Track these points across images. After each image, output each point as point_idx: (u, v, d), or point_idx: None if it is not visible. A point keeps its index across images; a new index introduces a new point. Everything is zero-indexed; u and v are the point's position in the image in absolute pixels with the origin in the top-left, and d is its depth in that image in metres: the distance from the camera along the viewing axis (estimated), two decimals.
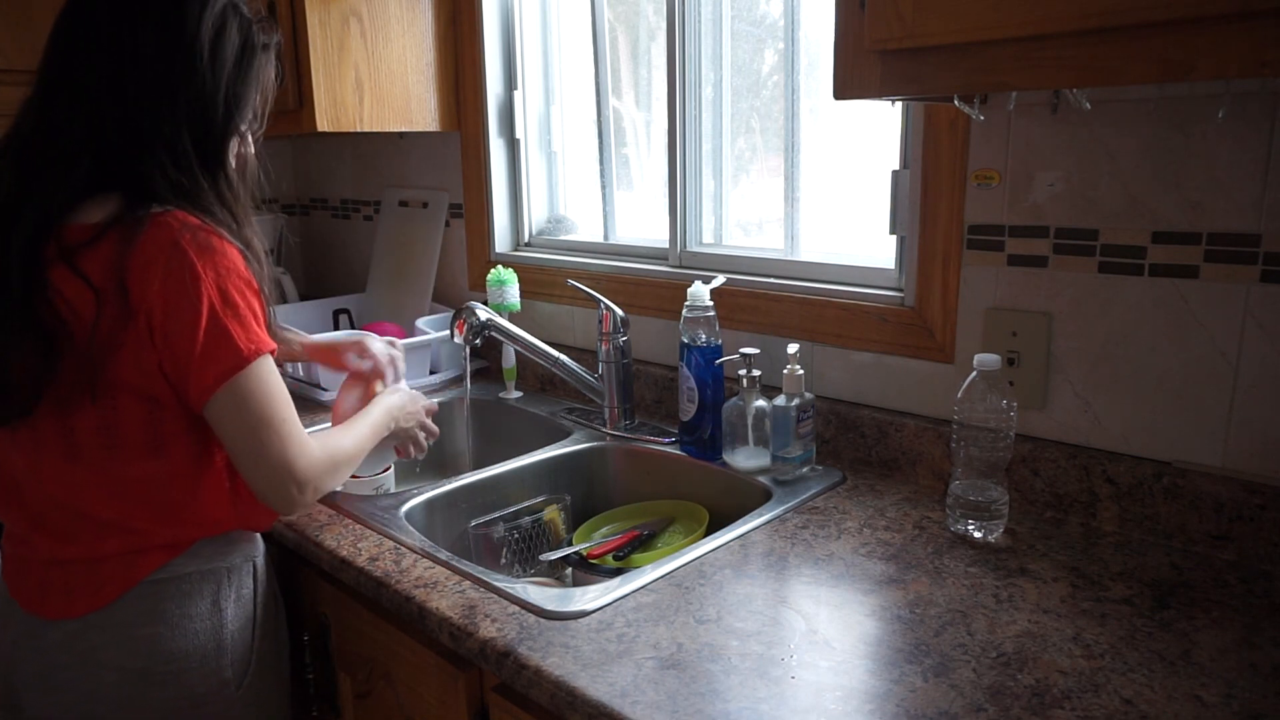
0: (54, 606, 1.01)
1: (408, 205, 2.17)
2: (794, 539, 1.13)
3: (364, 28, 1.77)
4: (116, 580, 1.00)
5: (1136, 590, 0.99)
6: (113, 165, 0.97)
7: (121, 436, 0.98)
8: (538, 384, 1.86)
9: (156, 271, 0.93)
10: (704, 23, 1.60)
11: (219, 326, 0.95)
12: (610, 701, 0.81)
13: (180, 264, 0.93)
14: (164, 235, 0.94)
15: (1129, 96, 1.07)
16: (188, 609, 1.03)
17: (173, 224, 0.95)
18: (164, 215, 0.95)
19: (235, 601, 1.07)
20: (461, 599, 1.00)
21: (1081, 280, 1.15)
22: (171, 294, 0.93)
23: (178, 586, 1.03)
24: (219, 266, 0.96)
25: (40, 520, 1.02)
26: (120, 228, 0.94)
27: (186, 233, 0.95)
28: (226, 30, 1.02)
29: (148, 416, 0.98)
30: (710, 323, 1.40)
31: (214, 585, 1.06)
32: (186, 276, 0.93)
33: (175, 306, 0.93)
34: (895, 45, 0.89)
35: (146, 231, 0.94)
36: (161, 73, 0.98)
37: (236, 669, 1.07)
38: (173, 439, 1.00)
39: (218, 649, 1.05)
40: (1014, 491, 1.21)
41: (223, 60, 1.01)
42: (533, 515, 1.35)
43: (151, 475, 1.00)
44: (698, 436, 1.41)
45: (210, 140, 1.02)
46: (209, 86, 1.01)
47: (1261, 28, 0.69)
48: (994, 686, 0.82)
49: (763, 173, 1.66)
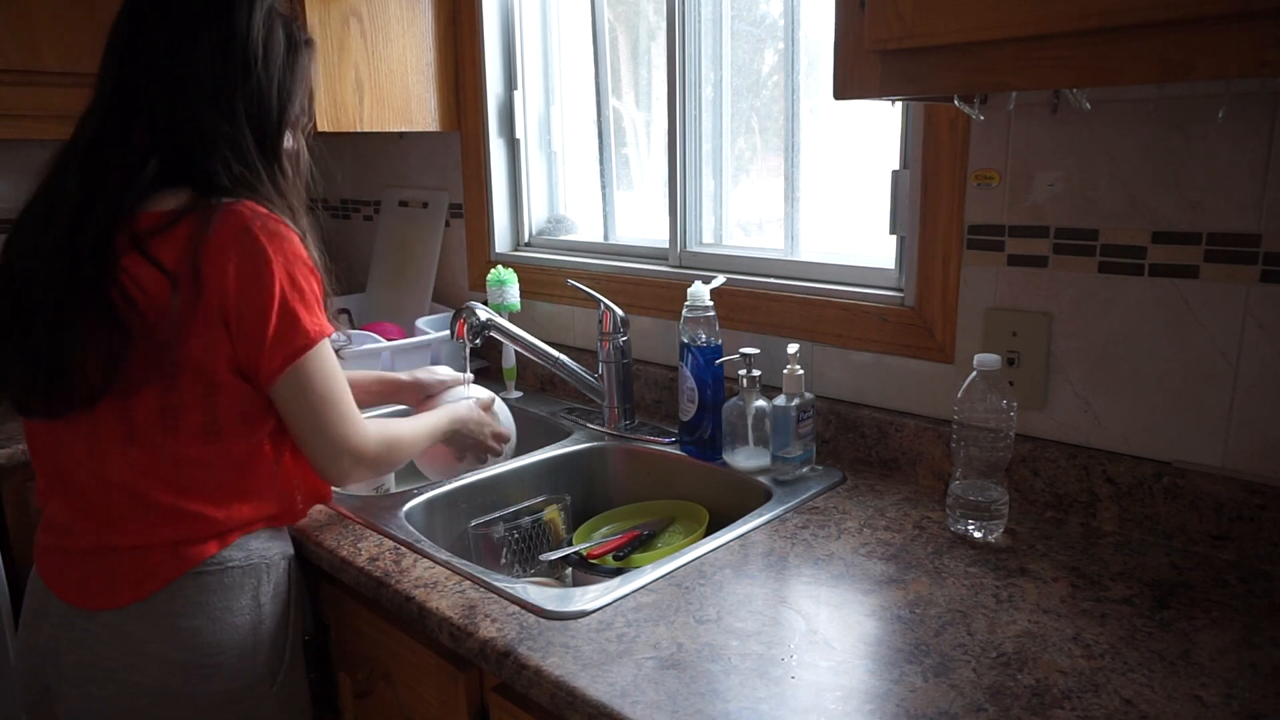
0: (97, 597, 1.02)
1: (408, 205, 2.17)
2: (794, 539, 1.13)
3: (364, 28, 1.77)
4: (162, 571, 1.01)
5: (1136, 590, 0.99)
6: (178, 164, 1.02)
7: (180, 419, 1.01)
8: (538, 384, 1.86)
9: (231, 257, 0.98)
10: (704, 23, 1.60)
11: (289, 310, 1.01)
12: (610, 701, 0.81)
13: (253, 250, 0.99)
14: (237, 222, 0.99)
15: (1129, 96, 1.07)
16: (229, 602, 1.05)
17: (244, 212, 1.00)
18: (236, 204, 1.01)
19: (273, 598, 1.09)
20: (461, 599, 1.00)
21: (1081, 280, 1.15)
22: (246, 279, 0.99)
23: (220, 579, 1.04)
24: (286, 253, 1.02)
25: (89, 507, 1.03)
26: (195, 215, 0.99)
27: (257, 220, 1.00)
28: (274, 31, 1.07)
29: (205, 399, 1.01)
30: (710, 323, 1.40)
31: (255, 580, 1.07)
32: (259, 262, 0.99)
33: (249, 291, 0.99)
34: (895, 45, 0.89)
35: (221, 218, 0.99)
36: (219, 76, 1.03)
37: (272, 664, 1.08)
38: (227, 423, 1.03)
39: (255, 644, 1.06)
40: (1014, 491, 1.21)
41: (273, 59, 1.07)
42: (533, 515, 1.35)
43: (207, 459, 1.03)
44: (698, 436, 1.41)
45: (267, 135, 1.08)
46: (263, 85, 1.06)
47: (1261, 28, 0.69)
48: (994, 686, 0.82)
49: (763, 173, 1.66)
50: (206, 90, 1.03)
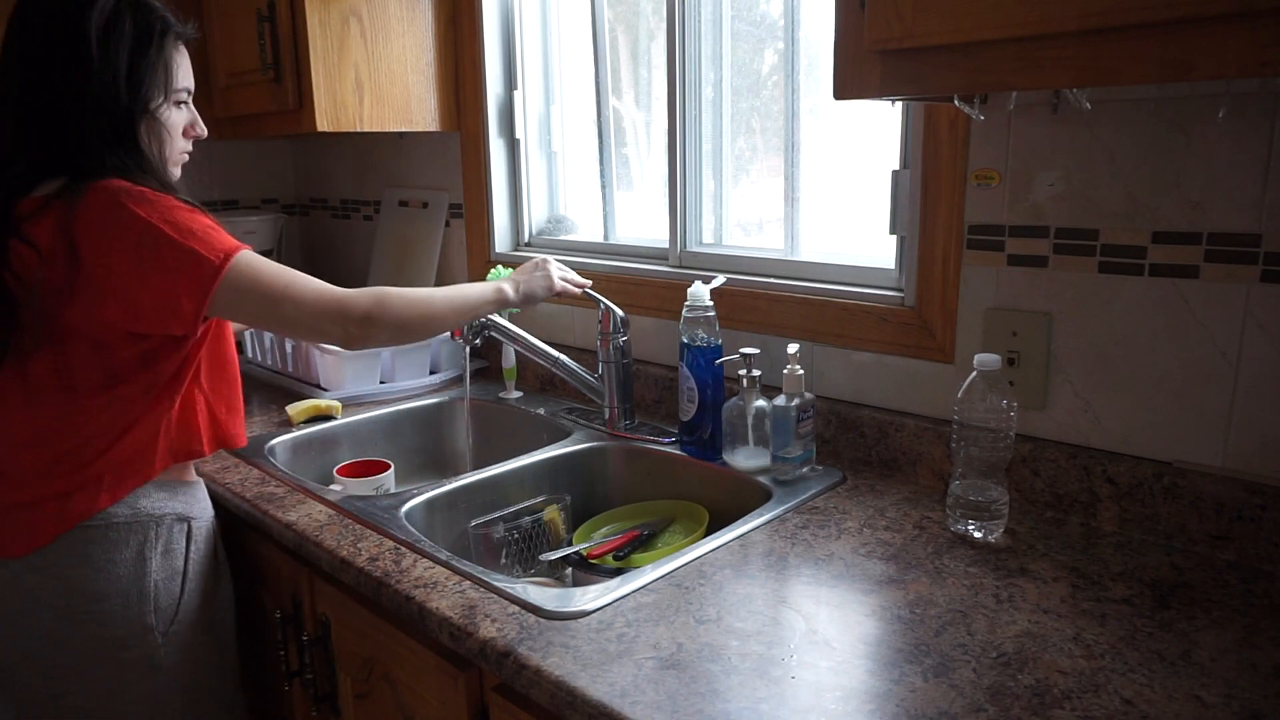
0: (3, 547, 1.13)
1: (408, 205, 2.17)
2: (794, 539, 1.13)
3: (364, 28, 1.77)
4: (52, 523, 1.12)
5: (1137, 590, 0.99)
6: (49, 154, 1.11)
7: (75, 376, 1.10)
8: (538, 384, 1.86)
9: (107, 231, 1.06)
10: (704, 23, 1.60)
11: (184, 250, 1.07)
12: (610, 701, 0.81)
13: (126, 218, 1.06)
14: (104, 198, 1.07)
15: (1129, 96, 1.07)
16: (111, 554, 1.14)
17: (109, 187, 1.08)
18: (102, 182, 1.08)
19: (163, 555, 1.18)
20: (461, 599, 1.00)
21: (1081, 280, 1.15)
22: (127, 246, 1.06)
23: (105, 533, 1.14)
24: (160, 205, 1.08)
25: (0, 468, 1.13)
26: (64, 197, 1.07)
27: (123, 192, 1.07)
28: (117, 24, 1.12)
29: (96, 358, 1.10)
30: (710, 323, 1.40)
31: (140, 536, 1.16)
32: (137, 227, 1.06)
33: (135, 254, 1.06)
34: (895, 45, 0.89)
35: (87, 196, 1.07)
36: (61, 71, 1.11)
37: (161, 617, 1.17)
38: (126, 374, 1.12)
39: (139, 595, 1.16)
40: (1014, 491, 1.21)
41: (115, 52, 1.12)
42: (533, 515, 1.35)
43: (105, 405, 1.12)
44: (698, 436, 1.41)
45: (120, 124, 1.13)
46: (105, 78, 1.11)
47: (1261, 28, 0.69)
48: (994, 686, 0.82)
49: (763, 173, 1.66)
50: (51, 85, 1.11)
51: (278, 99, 1.79)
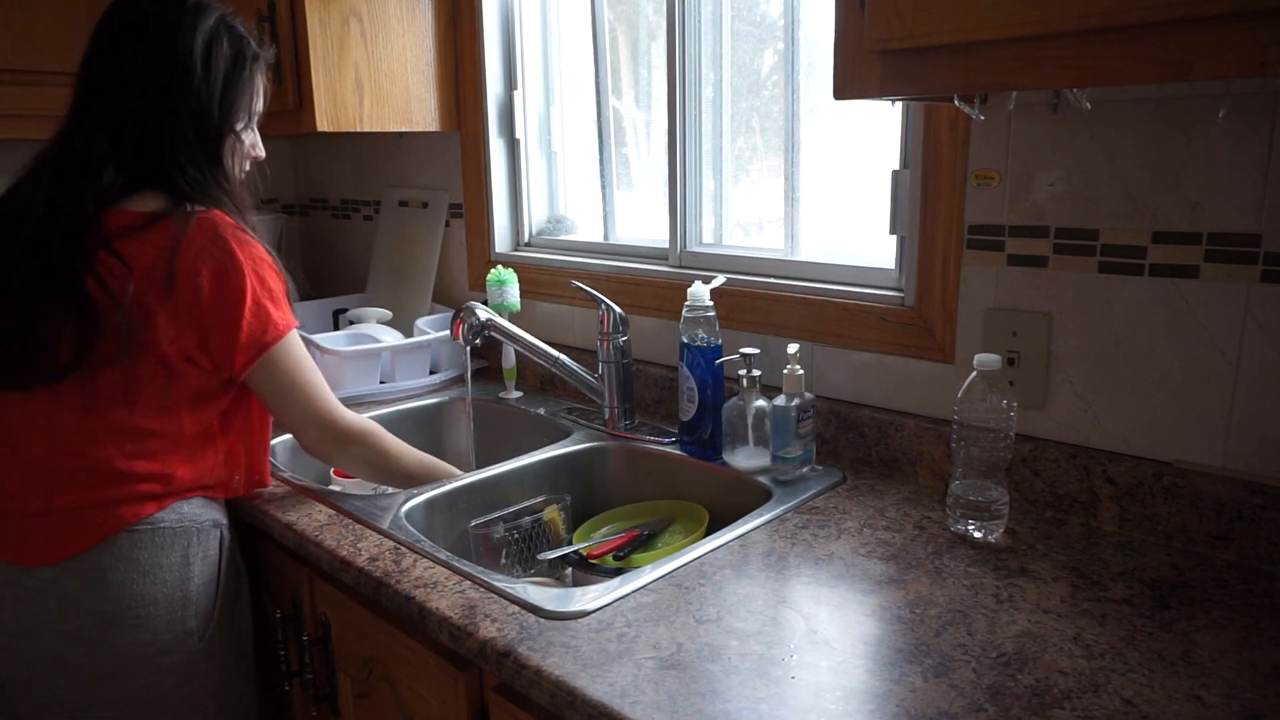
0: (33, 554, 1.10)
1: (408, 205, 2.17)
2: (794, 539, 1.13)
3: (364, 28, 1.77)
4: (98, 528, 1.11)
5: (1137, 590, 0.99)
6: (136, 169, 1.14)
7: (139, 394, 1.12)
8: (538, 384, 1.86)
9: (205, 261, 1.11)
10: (704, 23, 1.60)
11: (261, 308, 1.15)
12: (610, 701, 0.81)
13: (225, 255, 1.13)
14: (210, 229, 1.13)
15: (1129, 96, 1.07)
16: (159, 559, 1.13)
17: (215, 221, 1.14)
18: (208, 213, 1.14)
19: (202, 560, 1.18)
20: (461, 599, 1.00)
21: (1081, 280, 1.15)
22: (220, 283, 1.12)
23: (152, 537, 1.13)
24: (254, 256, 1.16)
25: (37, 473, 1.12)
26: (172, 220, 1.12)
27: (228, 228, 1.14)
28: (217, 45, 1.18)
29: (164, 382, 1.13)
30: (710, 323, 1.40)
31: (185, 541, 1.16)
32: (231, 266, 1.13)
33: (225, 293, 1.12)
34: (895, 45, 0.89)
35: (196, 225, 1.12)
36: (163, 88, 1.15)
37: (200, 621, 1.17)
38: (181, 401, 1.15)
39: (184, 600, 1.15)
40: (1014, 491, 1.21)
41: (214, 72, 1.17)
42: (533, 515, 1.35)
43: (159, 428, 1.14)
44: (698, 436, 1.41)
45: (209, 141, 1.18)
46: (204, 95, 1.17)
47: (1261, 28, 0.69)
48: (994, 686, 0.82)
49: (763, 173, 1.66)
50: (153, 101, 1.14)
51: (278, 99, 1.78)
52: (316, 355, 1.76)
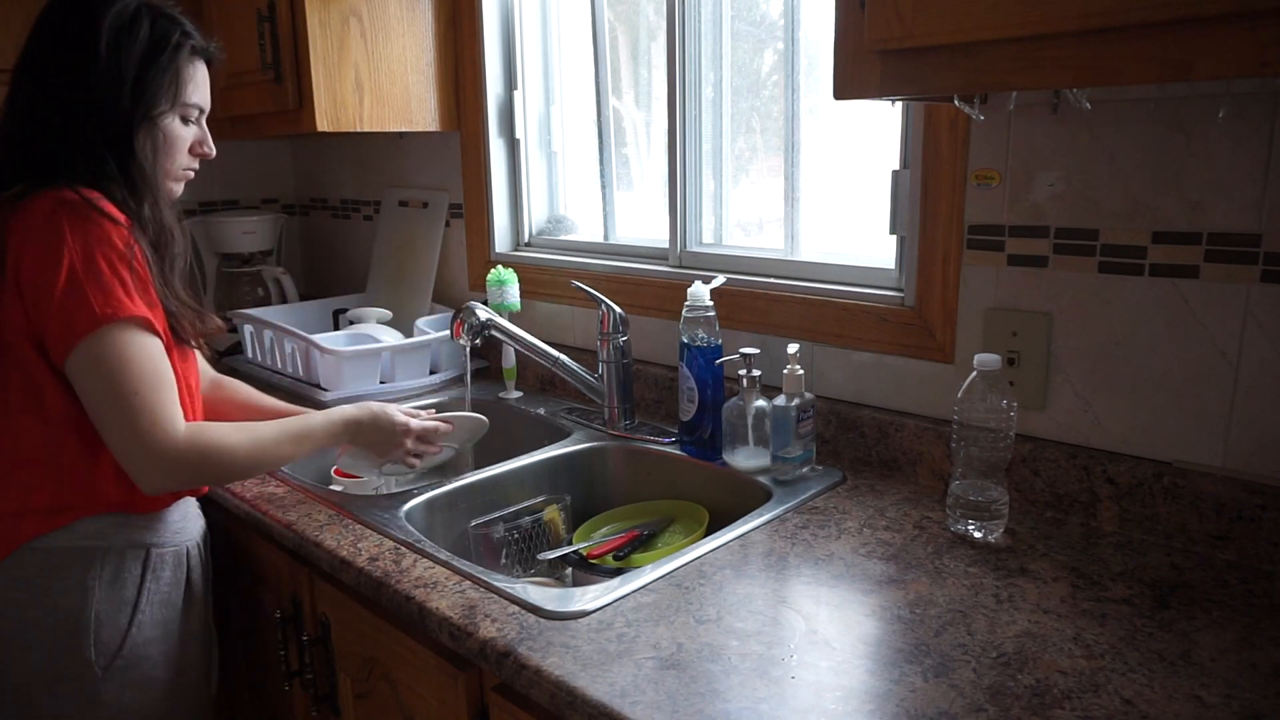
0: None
1: (408, 205, 2.17)
2: (794, 539, 1.13)
3: (364, 28, 1.77)
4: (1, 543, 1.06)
5: (1137, 590, 0.99)
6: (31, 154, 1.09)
7: (9, 393, 1.06)
8: (538, 384, 1.86)
9: (30, 237, 1.02)
10: (704, 23, 1.60)
11: (76, 288, 1.01)
12: (610, 701, 0.81)
13: (49, 228, 1.02)
14: (40, 205, 1.03)
15: (1129, 96, 1.07)
16: (51, 582, 1.08)
17: (51, 196, 1.04)
18: (48, 190, 1.04)
19: (110, 584, 1.10)
20: (461, 599, 1.00)
21: (1081, 280, 1.15)
22: (38, 254, 1.02)
23: (46, 559, 1.07)
24: (90, 234, 1.03)
25: None
26: (10, 200, 1.05)
27: (64, 205, 1.03)
28: (132, 29, 1.11)
29: (25, 377, 1.05)
30: (710, 323, 1.40)
31: (83, 564, 1.09)
32: (53, 240, 1.01)
33: (39, 265, 1.01)
34: (895, 45, 0.89)
35: (26, 203, 1.04)
36: (65, 71, 1.09)
37: (101, 650, 1.09)
38: (52, 405, 1.06)
39: (79, 627, 1.08)
40: (1014, 491, 1.21)
41: (127, 55, 1.10)
42: (533, 515, 1.35)
43: (39, 435, 1.07)
44: (698, 436, 1.41)
45: (117, 128, 1.10)
46: (110, 80, 1.09)
47: (1261, 28, 0.69)
48: (994, 686, 0.82)
49: (763, 173, 1.66)
50: (52, 83, 1.09)
51: (278, 99, 1.78)
52: (316, 355, 1.76)
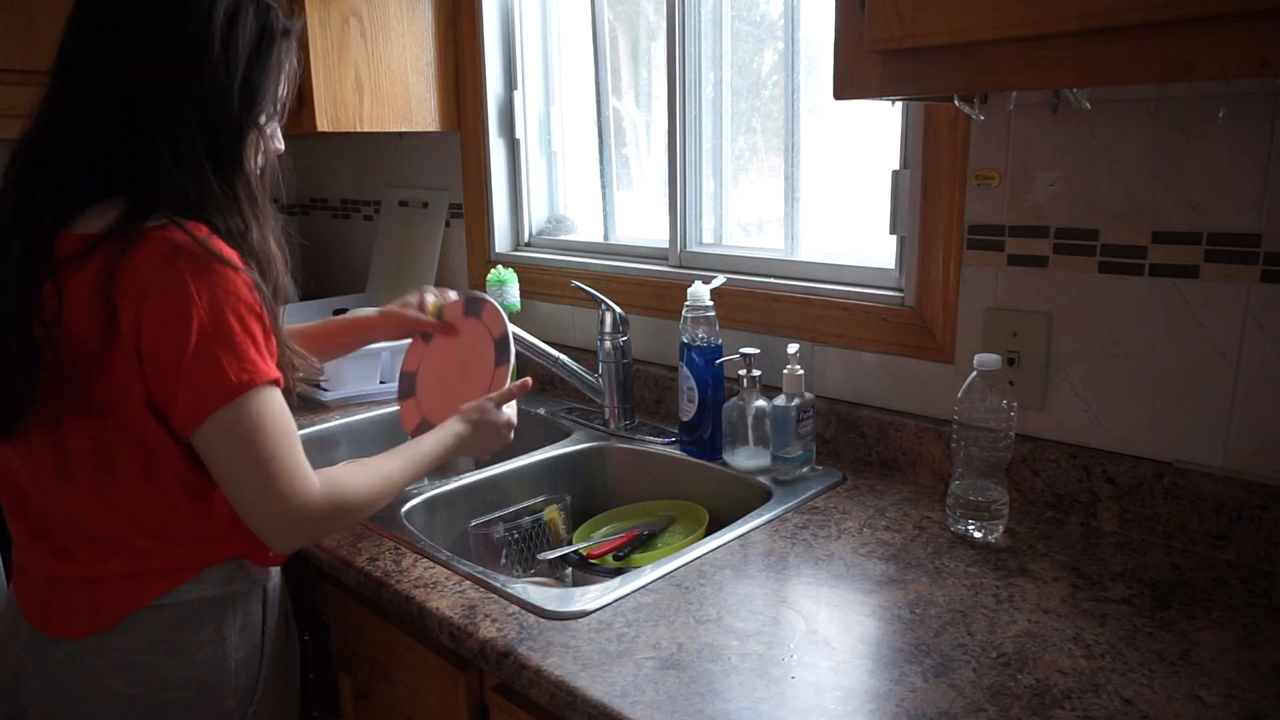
0: (57, 625, 0.96)
1: (408, 205, 2.17)
2: (794, 539, 1.13)
3: (364, 28, 1.77)
4: (115, 604, 0.95)
5: (1137, 590, 0.99)
6: (114, 170, 0.91)
7: (115, 459, 0.92)
8: (538, 384, 1.86)
9: (146, 293, 0.86)
10: (704, 23, 1.60)
11: (208, 354, 0.87)
12: (610, 701, 0.81)
13: (170, 284, 0.86)
14: (156, 252, 0.87)
15: (1129, 96, 1.07)
16: (188, 637, 0.97)
17: (169, 239, 0.88)
18: (160, 230, 0.88)
19: (241, 630, 1.01)
20: (461, 599, 1.00)
21: (1081, 280, 1.15)
22: (161, 319, 0.87)
23: (179, 613, 0.97)
24: (215, 288, 0.88)
25: (41, 533, 0.98)
26: (111, 243, 0.87)
27: (183, 252, 0.87)
28: (241, 17, 0.94)
29: (137, 442, 0.92)
30: (710, 323, 1.40)
31: (218, 613, 0.99)
32: (177, 300, 0.86)
33: (163, 329, 0.87)
34: (895, 45, 0.89)
35: (138, 248, 0.87)
36: (165, 68, 0.91)
37: (240, 699, 1.01)
38: (166, 468, 0.93)
39: (220, 678, 0.99)
40: (1014, 491, 1.21)
41: (236, 51, 0.94)
42: (533, 515, 1.35)
43: (150, 502, 0.94)
44: (698, 436, 1.41)
45: (224, 138, 0.95)
46: (222, 79, 0.93)
47: (1261, 28, 0.69)
48: (994, 686, 0.82)
49: (763, 173, 1.66)
50: (146, 82, 0.90)
51: None
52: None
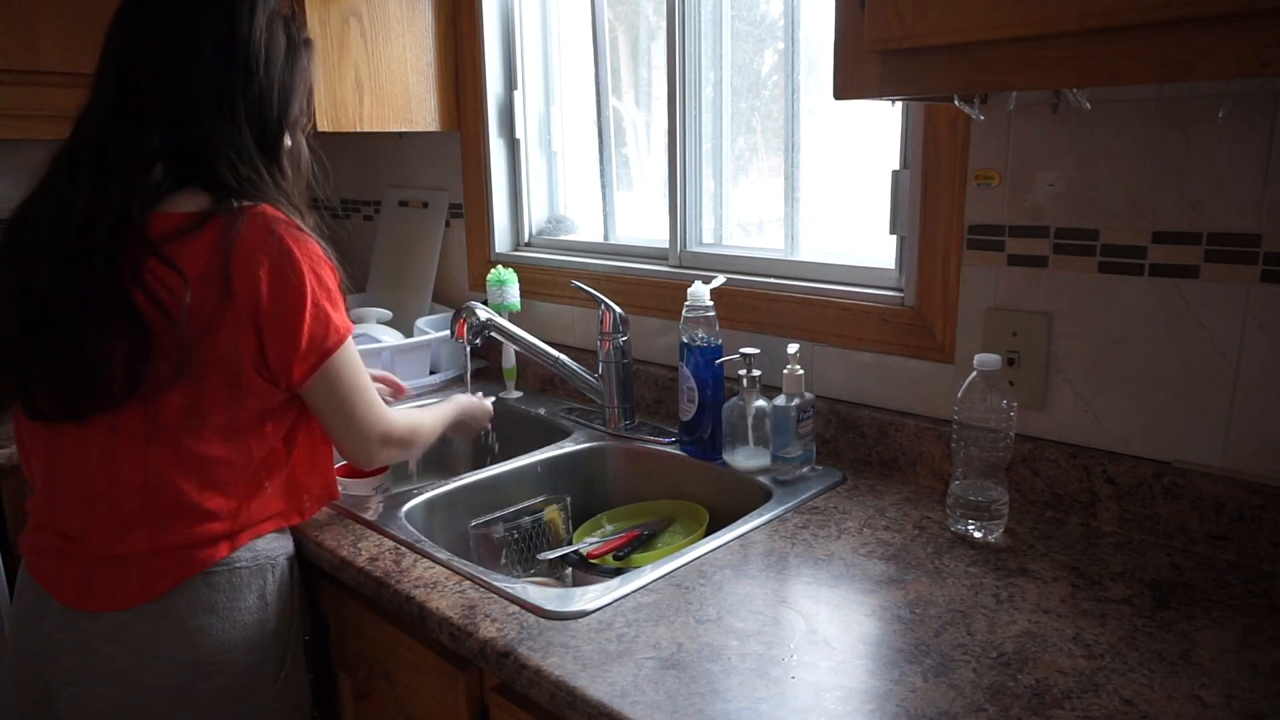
0: (101, 600, 1.02)
1: (408, 205, 2.17)
2: (794, 539, 1.13)
3: (364, 28, 1.77)
4: (171, 572, 1.03)
5: (1137, 590, 0.99)
6: (184, 167, 1.04)
7: (204, 417, 1.03)
8: (538, 384, 1.86)
9: (261, 260, 1.01)
10: (704, 23, 1.60)
11: (320, 310, 1.05)
12: (610, 701, 0.81)
13: (281, 252, 1.02)
14: (262, 224, 1.03)
15: (1129, 96, 1.07)
16: (237, 601, 1.06)
17: (267, 215, 1.04)
18: (257, 208, 1.04)
19: (277, 596, 1.11)
20: (461, 599, 1.00)
21: (1081, 280, 1.15)
22: (277, 282, 1.02)
23: (229, 579, 1.06)
24: (311, 253, 1.06)
25: (99, 514, 1.03)
26: (221, 218, 1.02)
27: (280, 223, 1.04)
28: (275, 33, 1.10)
29: (230, 399, 1.04)
30: (710, 323, 1.40)
31: (261, 579, 1.09)
32: (289, 264, 1.03)
33: (283, 293, 1.02)
34: (895, 45, 0.89)
35: (247, 221, 1.02)
36: (222, 79, 1.06)
37: (276, 662, 1.11)
38: (247, 423, 1.06)
39: (260, 641, 1.08)
40: (1014, 491, 1.21)
41: (274, 62, 1.09)
42: (533, 515, 1.35)
43: (227, 457, 1.05)
44: (698, 436, 1.41)
45: (268, 137, 1.10)
46: (264, 88, 1.08)
47: (1261, 28, 0.69)
48: (994, 686, 0.82)
49: (763, 173, 1.66)
50: (210, 93, 1.05)
51: None
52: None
